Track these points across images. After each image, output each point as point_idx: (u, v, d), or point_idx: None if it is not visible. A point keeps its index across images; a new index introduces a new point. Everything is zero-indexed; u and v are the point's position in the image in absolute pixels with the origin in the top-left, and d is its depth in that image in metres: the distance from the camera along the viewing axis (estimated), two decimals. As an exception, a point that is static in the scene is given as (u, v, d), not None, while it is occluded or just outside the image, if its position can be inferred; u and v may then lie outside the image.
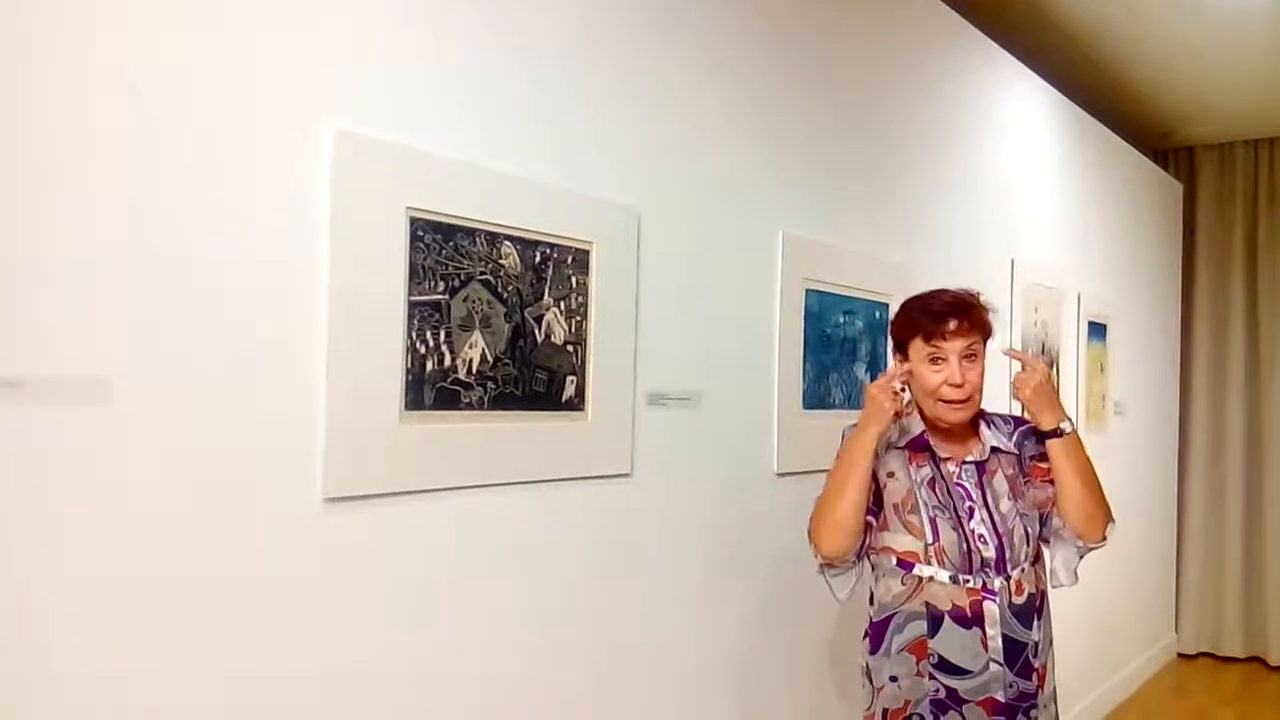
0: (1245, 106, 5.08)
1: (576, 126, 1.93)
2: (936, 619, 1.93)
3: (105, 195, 1.26)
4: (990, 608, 1.91)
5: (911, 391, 2.01)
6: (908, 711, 1.96)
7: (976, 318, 1.95)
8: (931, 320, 1.93)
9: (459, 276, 1.69)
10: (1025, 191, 3.87)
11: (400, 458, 1.60)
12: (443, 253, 1.66)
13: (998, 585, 1.92)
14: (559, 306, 1.87)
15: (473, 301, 1.71)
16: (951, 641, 1.92)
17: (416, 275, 1.62)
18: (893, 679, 1.97)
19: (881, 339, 2.85)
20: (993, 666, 1.91)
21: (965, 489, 1.97)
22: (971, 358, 1.94)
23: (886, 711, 1.99)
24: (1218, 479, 5.61)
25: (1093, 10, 3.97)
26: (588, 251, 1.93)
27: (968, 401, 1.95)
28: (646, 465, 2.10)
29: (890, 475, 2.00)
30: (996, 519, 1.95)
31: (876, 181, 2.89)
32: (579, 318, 1.91)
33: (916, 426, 2.02)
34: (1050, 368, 1.99)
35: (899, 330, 2.01)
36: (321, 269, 1.49)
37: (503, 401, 1.77)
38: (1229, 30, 4.11)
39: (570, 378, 1.90)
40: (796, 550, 2.17)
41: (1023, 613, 1.94)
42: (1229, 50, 4.33)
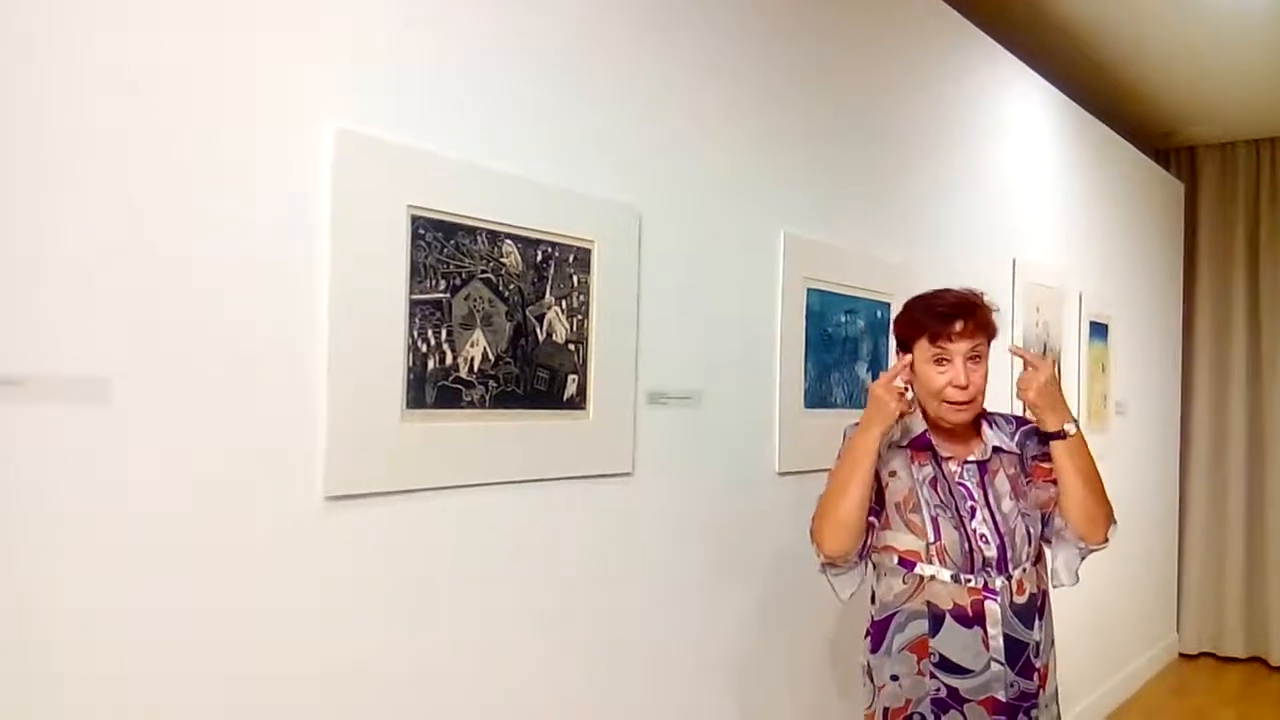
0: (1247, 106, 5.07)
1: (578, 126, 1.93)
2: (938, 618, 1.92)
3: (105, 195, 1.26)
4: (992, 607, 1.91)
5: (914, 391, 2.01)
6: (909, 710, 1.96)
7: (982, 319, 1.95)
8: (937, 321, 1.92)
9: (460, 275, 1.69)
10: (1026, 191, 3.86)
11: (401, 456, 1.60)
12: (444, 251, 1.66)
13: (999, 585, 1.91)
14: (560, 305, 1.87)
15: (474, 300, 1.71)
16: (953, 641, 1.92)
17: (418, 274, 1.62)
18: (894, 678, 1.97)
19: (883, 338, 2.85)
20: (994, 666, 1.91)
21: (967, 488, 1.97)
22: (976, 359, 1.94)
23: (887, 710, 1.98)
24: (1219, 479, 5.60)
25: (1094, 10, 3.97)
26: (589, 250, 1.93)
27: (972, 403, 1.95)
28: (648, 464, 2.09)
29: (892, 474, 2.00)
30: (998, 518, 1.95)
31: (878, 181, 2.89)
32: (580, 316, 1.91)
33: (918, 425, 2.02)
34: (1054, 367, 1.98)
35: (903, 330, 2.01)
36: (322, 268, 1.49)
37: (504, 400, 1.77)
38: (1230, 30, 4.11)
39: (571, 376, 1.90)
40: (797, 550, 2.17)
41: (1024, 612, 1.94)
42: (1230, 50, 4.33)
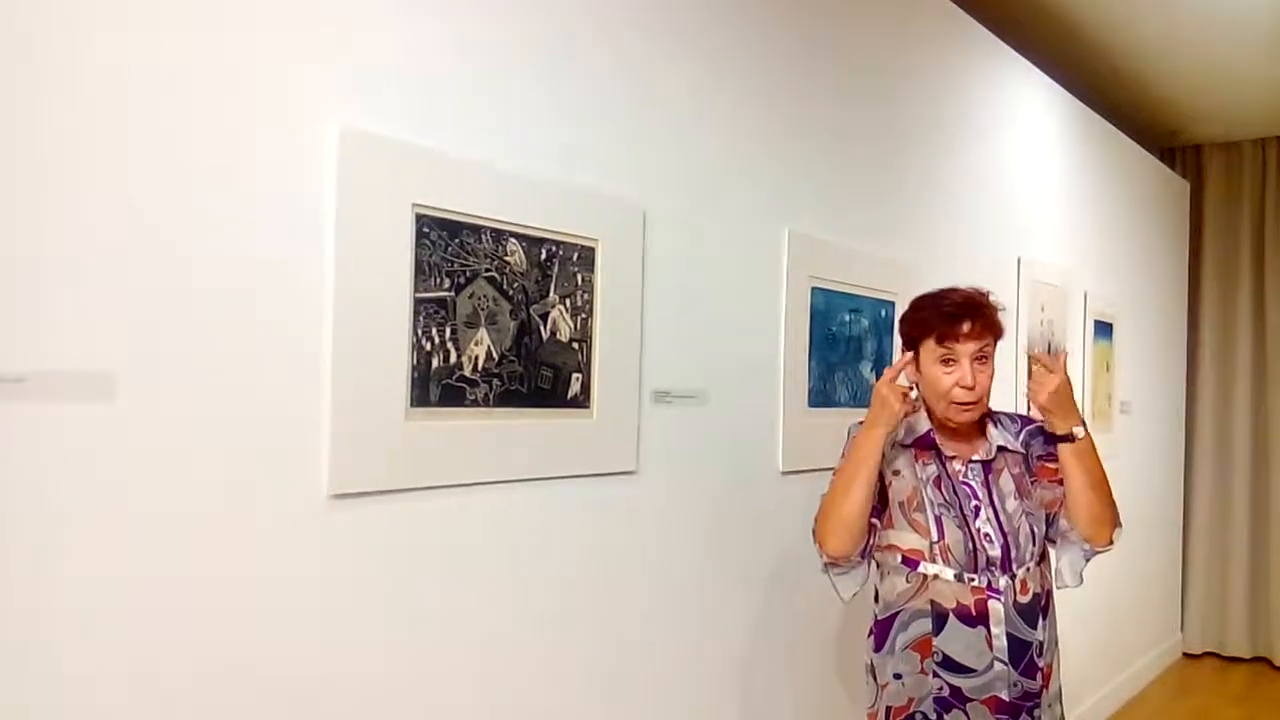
0: (1253, 105, 5.06)
1: (582, 124, 1.92)
2: (941, 617, 1.92)
3: (105, 195, 1.26)
4: (995, 606, 1.90)
5: (920, 390, 2.01)
6: (911, 709, 1.95)
7: (989, 319, 1.94)
8: (944, 321, 1.92)
9: (464, 273, 1.69)
10: (1032, 190, 3.85)
11: (405, 455, 1.60)
12: (448, 250, 1.66)
13: (1003, 584, 1.91)
14: (564, 304, 1.87)
15: (478, 298, 1.71)
16: (956, 640, 1.91)
17: (422, 272, 1.62)
18: (897, 676, 1.97)
19: (887, 337, 2.84)
20: (997, 665, 1.90)
21: (971, 488, 1.97)
22: (983, 359, 1.94)
23: (890, 709, 1.98)
24: (1224, 478, 5.59)
25: (1100, 9, 3.96)
26: (593, 249, 1.92)
27: (978, 403, 1.94)
28: (651, 463, 2.09)
29: (896, 473, 1.99)
30: (1002, 518, 1.94)
31: (883, 179, 2.88)
32: (584, 315, 1.91)
33: (923, 425, 2.01)
34: (1063, 366, 1.97)
35: (910, 329, 2.00)
36: (326, 266, 1.49)
37: (508, 399, 1.77)
38: (1237, 29, 4.10)
39: (575, 375, 1.89)
40: (801, 549, 2.17)
41: (1028, 612, 1.93)
42: (1236, 49, 4.31)
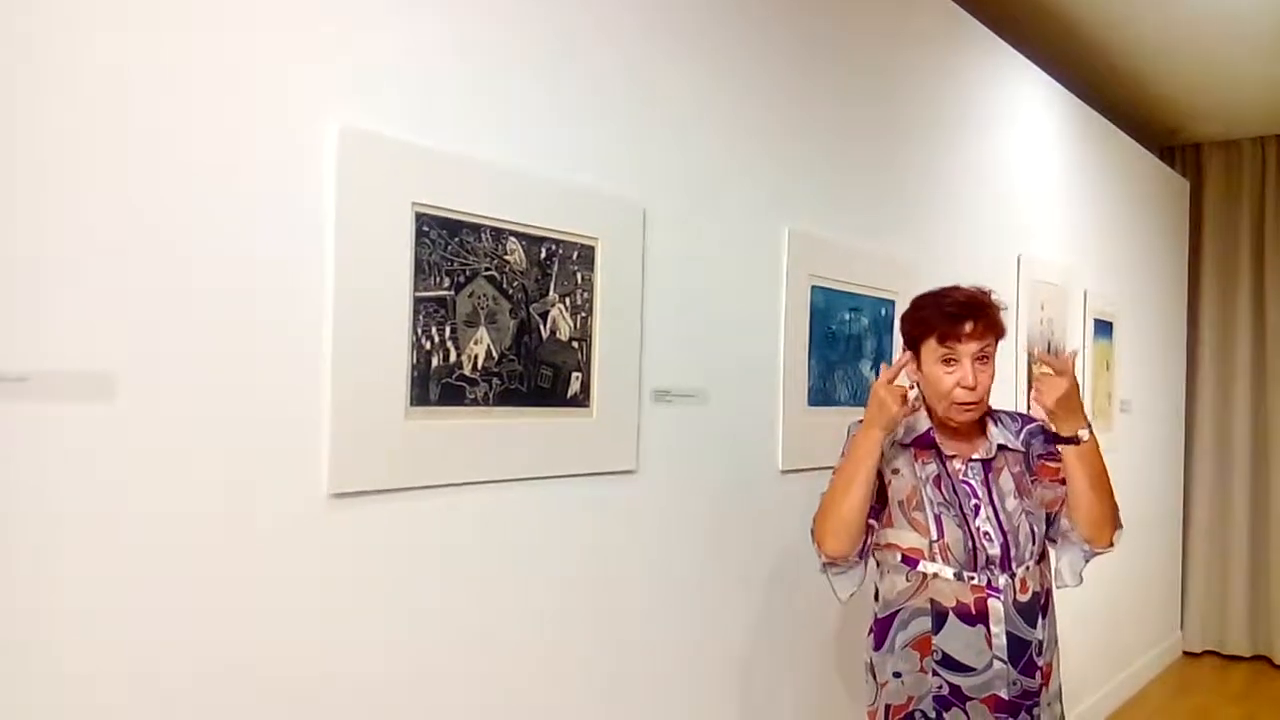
0: (1252, 104, 5.06)
1: (581, 123, 1.92)
2: (941, 616, 1.92)
3: (105, 195, 1.26)
4: (995, 605, 1.90)
5: (920, 390, 2.00)
6: (910, 708, 1.96)
7: (991, 319, 1.94)
8: (946, 321, 1.91)
9: (464, 272, 1.69)
10: (1032, 188, 3.85)
11: (405, 454, 1.60)
12: (448, 248, 1.66)
13: (1002, 583, 1.91)
14: (564, 303, 1.86)
15: (478, 297, 1.71)
16: (955, 638, 1.91)
17: (422, 271, 1.62)
18: (896, 675, 1.97)
19: (887, 336, 2.84)
20: (996, 664, 1.90)
21: (971, 486, 1.97)
22: (984, 359, 1.93)
23: (889, 708, 1.98)
24: (1224, 476, 5.59)
25: (1099, 7, 3.95)
26: (593, 248, 1.92)
27: (979, 403, 1.94)
28: (651, 462, 2.09)
29: (895, 472, 1.99)
30: (1002, 517, 1.94)
31: (883, 178, 2.88)
32: (584, 314, 1.91)
33: (922, 424, 2.01)
34: (1073, 369, 1.96)
35: (911, 329, 1.99)
36: (326, 265, 1.49)
37: (508, 398, 1.77)
38: (1236, 27, 4.10)
39: (575, 374, 1.89)
40: (800, 547, 2.17)
41: (1027, 611, 1.93)
42: (1236, 47, 4.31)
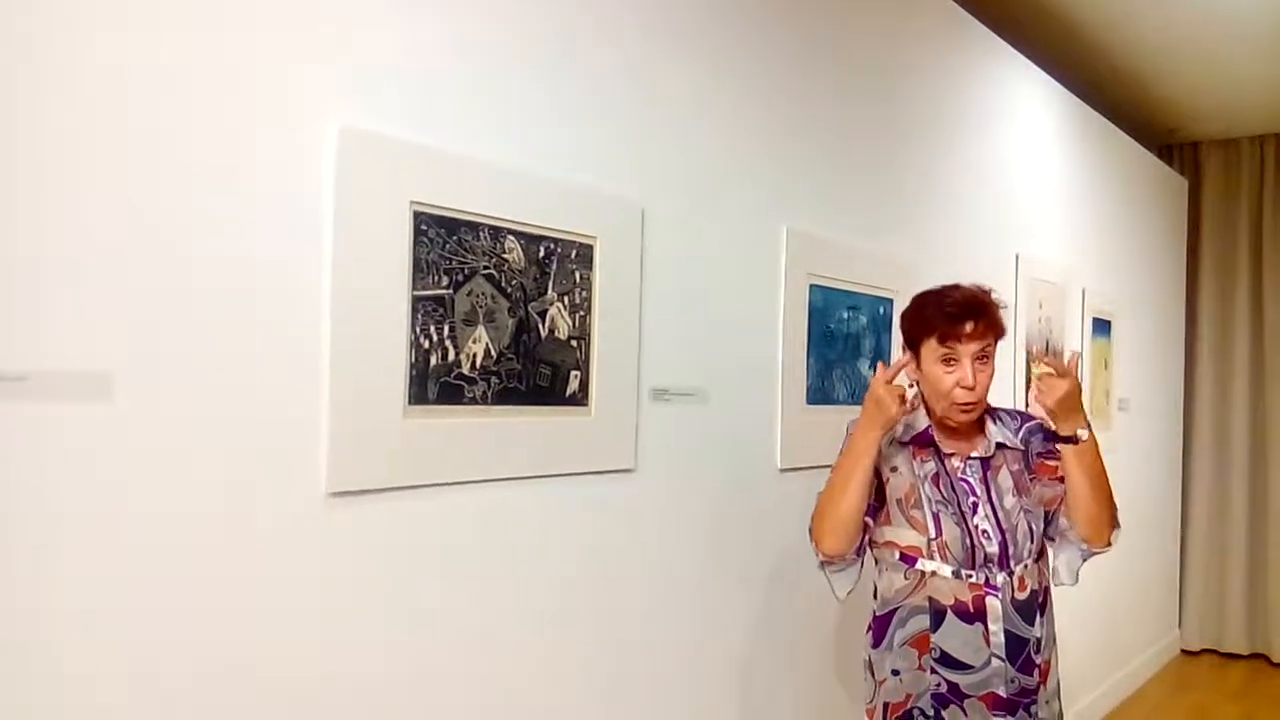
0: (1251, 102, 5.06)
1: (580, 121, 1.92)
2: (939, 614, 1.92)
3: (105, 195, 1.26)
4: (993, 603, 1.91)
5: (919, 388, 2.01)
6: (908, 705, 1.96)
7: (991, 319, 1.93)
8: (947, 321, 1.91)
9: (463, 271, 1.69)
10: (1030, 187, 3.85)
11: (404, 453, 1.60)
12: (446, 247, 1.66)
13: (1000, 581, 1.91)
14: (563, 301, 1.87)
15: (476, 296, 1.71)
16: (954, 636, 1.92)
17: (420, 270, 1.62)
18: (894, 673, 1.97)
19: (886, 335, 2.84)
20: (994, 662, 1.91)
21: (969, 484, 1.97)
22: (984, 359, 1.93)
23: (888, 705, 1.99)
24: (1222, 475, 5.60)
25: (1099, 6, 3.96)
26: (591, 246, 1.92)
27: (978, 403, 1.94)
28: (650, 461, 2.09)
29: (893, 470, 2.00)
30: (1000, 515, 1.95)
31: (881, 177, 2.88)
32: (583, 313, 1.91)
33: (921, 422, 2.01)
34: (1076, 370, 1.95)
35: (912, 328, 1.99)
36: (325, 264, 1.49)
37: (506, 396, 1.77)
38: (1235, 26, 4.10)
39: (574, 373, 1.89)
40: (799, 546, 2.17)
41: (1025, 609, 1.94)
42: (1235, 46, 4.31)
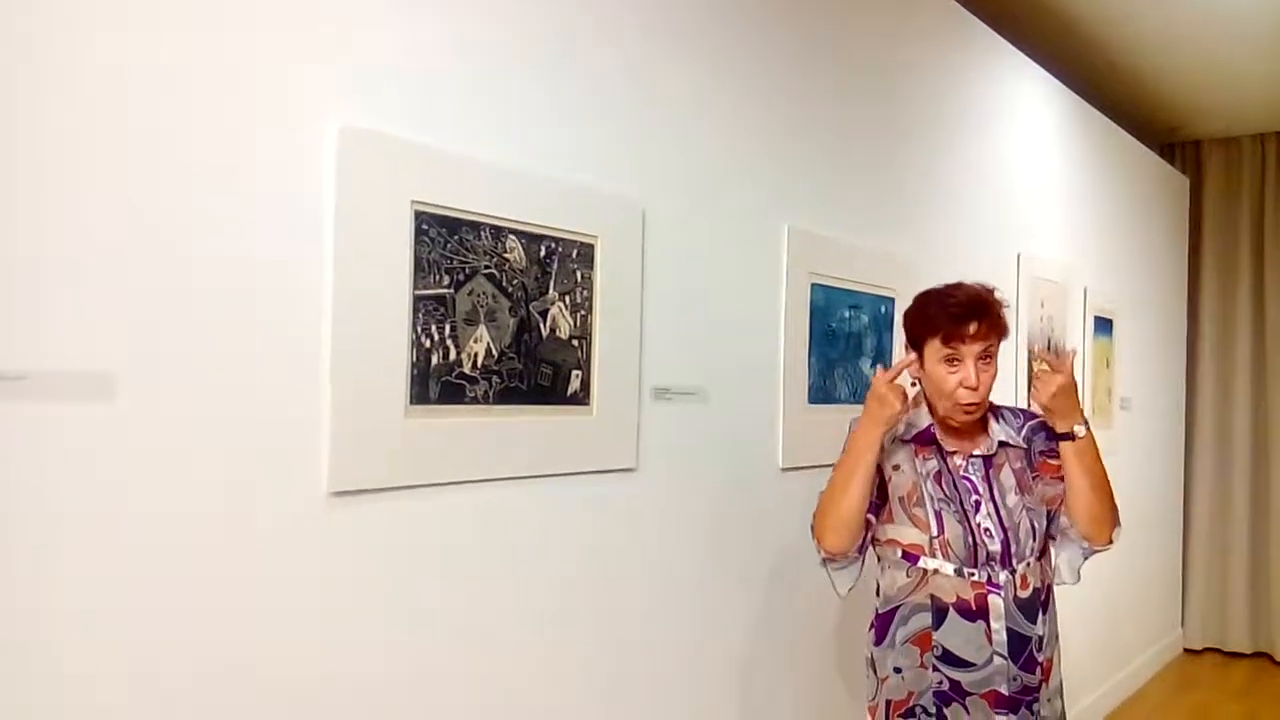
0: (1253, 101, 5.06)
1: (581, 121, 1.92)
2: (941, 611, 1.92)
3: (105, 195, 1.26)
4: (995, 601, 1.91)
5: (922, 387, 2.00)
6: (911, 703, 1.96)
7: (995, 318, 1.93)
8: (951, 322, 1.90)
9: (464, 270, 1.69)
10: (1031, 186, 3.85)
11: (405, 452, 1.60)
12: (447, 246, 1.66)
13: (1003, 579, 1.91)
14: (564, 301, 1.87)
15: (477, 295, 1.71)
16: (956, 634, 1.92)
17: (421, 269, 1.62)
18: (896, 670, 1.97)
19: (887, 333, 2.84)
20: (996, 660, 1.91)
21: (972, 482, 1.97)
22: (987, 359, 1.93)
23: (890, 703, 1.99)
24: (1224, 473, 5.59)
25: (1099, 4, 3.95)
26: (593, 246, 1.92)
27: (981, 403, 1.94)
28: (651, 460, 2.09)
29: (896, 468, 2.00)
30: (1003, 513, 1.95)
31: (882, 175, 2.88)
32: (584, 312, 1.91)
33: (923, 420, 2.01)
34: (1070, 365, 1.96)
35: (915, 328, 1.98)
36: (326, 264, 1.49)
37: (508, 396, 1.77)
38: (1236, 24, 4.10)
39: (575, 372, 1.89)
40: (801, 545, 2.17)
41: (1027, 607, 1.94)
42: (1236, 44, 4.31)
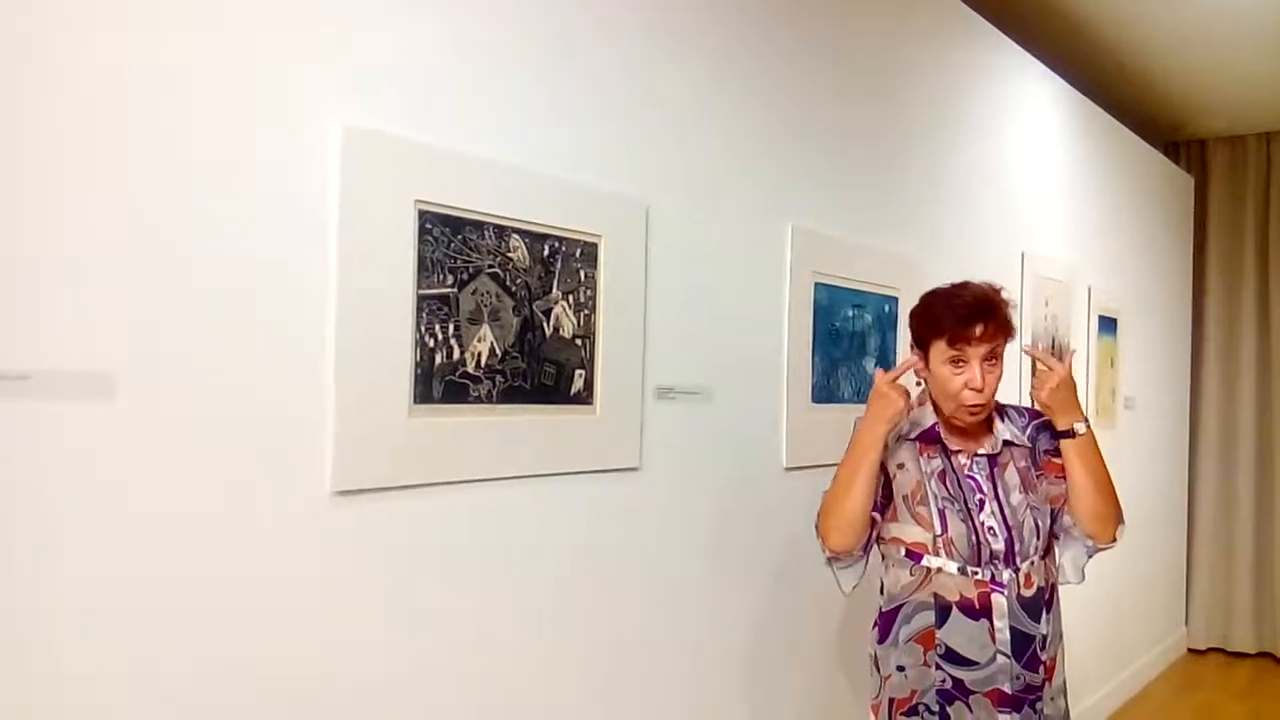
0: (1257, 99, 5.05)
1: (584, 120, 1.92)
2: (944, 610, 1.92)
3: (105, 195, 1.26)
4: (998, 600, 1.91)
5: (928, 387, 2.00)
6: (914, 701, 1.96)
7: (1001, 320, 1.92)
8: (957, 324, 1.89)
9: (467, 270, 1.69)
10: (1035, 185, 3.85)
11: (408, 451, 1.60)
12: (451, 246, 1.66)
13: (1006, 578, 1.91)
14: (567, 300, 1.87)
15: (481, 295, 1.71)
16: (959, 632, 1.92)
17: (425, 269, 1.62)
18: (899, 669, 1.97)
19: (891, 333, 2.84)
20: (999, 658, 1.91)
21: (976, 481, 1.97)
22: (993, 360, 1.92)
23: (893, 701, 1.99)
24: (1228, 473, 5.59)
25: (1104, 4, 3.95)
26: (596, 245, 1.92)
27: (986, 405, 1.94)
28: (655, 459, 2.09)
29: (900, 467, 2.00)
30: (1007, 511, 1.94)
31: (886, 175, 2.88)
32: (587, 311, 1.91)
33: (928, 418, 2.01)
34: (1069, 365, 1.96)
35: (921, 328, 1.97)
36: (330, 263, 1.50)
37: (511, 395, 1.77)
38: (1242, 23, 4.09)
39: (579, 371, 1.89)
40: (804, 544, 2.17)
41: (1031, 605, 1.94)
42: (1241, 42, 4.30)
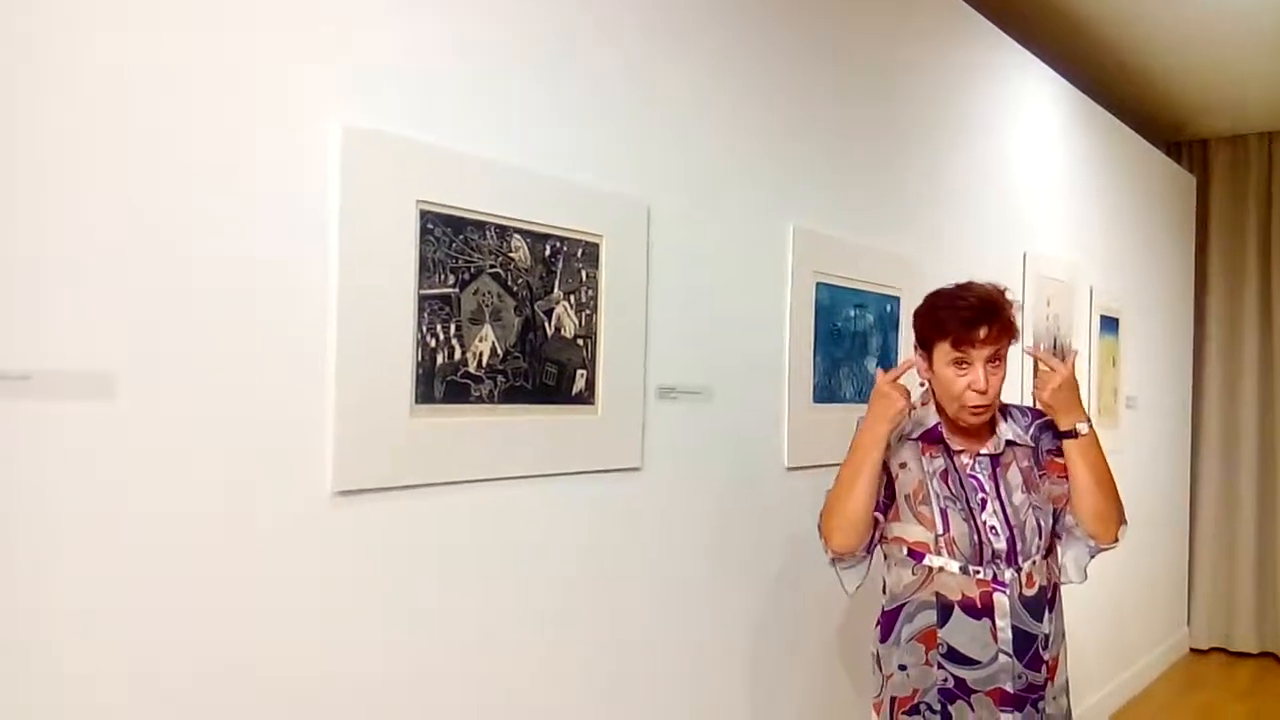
0: (1259, 99, 5.04)
1: (586, 120, 1.92)
2: (946, 609, 1.92)
3: (105, 195, 1.26)
4: (1000, 599, 1.91)
5: (931, 387, 2.00)
6: (915, 700, 1.96)
7: (1005, 321, 1.91)
8: (961, 326, 1.88)
9: (469, 270, 1.69)
10: (1037, 184, 3.85)
11: (410, 451, 1.60)
12: (453, 246, 1.66)
13: (1008, 577, 1.91)
14: (569, 300, 1.87)
15: (483, 295, 1.71)
16: (961, 632, 1.92)
17: (426, 269, 1.62)
18: (901, 667, 1.97)
19: (892, 332, 2.84)
20: (1001, 658, 1.91)
21: (978, 480, 1.97)
22: (996, 362, 1.92)
23: (895, 700, 1.99)
24: (1230, 473, 5.58)
25: (1106, 3, 3.94)
26: (597, 245, 1.92)
27: (989, 406, 1.94)
28: (657, 459, 2.09)
29: (902, 466, 1.99)
30: (1009, 511, 1.94)
31: (887, 174, 2.88)
32: (589, 311, 1.91)
33: (930, 418, 2.01)
34: (1073, 368, 1.96)
35: (924, 329, 1.97)
36: (331, 263, 1.50)
37: (513, 395, 1.77)
38: (1244, 23, 4.08)
39: (580, 371, 1.89)
40: (807, 544, 2.17)
41: (1033, 605, 1.93)
42: (1242, 42, 4.30)
